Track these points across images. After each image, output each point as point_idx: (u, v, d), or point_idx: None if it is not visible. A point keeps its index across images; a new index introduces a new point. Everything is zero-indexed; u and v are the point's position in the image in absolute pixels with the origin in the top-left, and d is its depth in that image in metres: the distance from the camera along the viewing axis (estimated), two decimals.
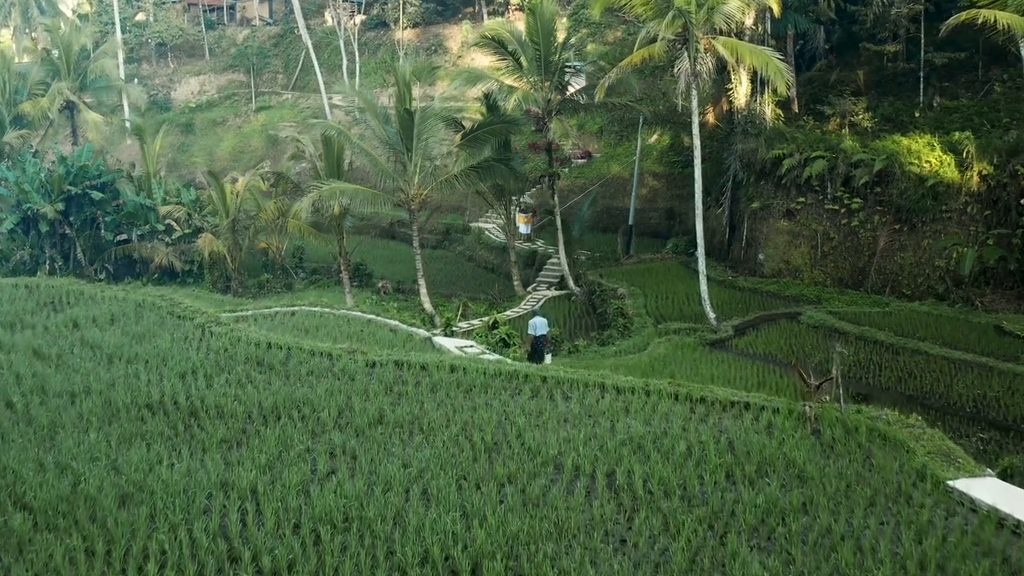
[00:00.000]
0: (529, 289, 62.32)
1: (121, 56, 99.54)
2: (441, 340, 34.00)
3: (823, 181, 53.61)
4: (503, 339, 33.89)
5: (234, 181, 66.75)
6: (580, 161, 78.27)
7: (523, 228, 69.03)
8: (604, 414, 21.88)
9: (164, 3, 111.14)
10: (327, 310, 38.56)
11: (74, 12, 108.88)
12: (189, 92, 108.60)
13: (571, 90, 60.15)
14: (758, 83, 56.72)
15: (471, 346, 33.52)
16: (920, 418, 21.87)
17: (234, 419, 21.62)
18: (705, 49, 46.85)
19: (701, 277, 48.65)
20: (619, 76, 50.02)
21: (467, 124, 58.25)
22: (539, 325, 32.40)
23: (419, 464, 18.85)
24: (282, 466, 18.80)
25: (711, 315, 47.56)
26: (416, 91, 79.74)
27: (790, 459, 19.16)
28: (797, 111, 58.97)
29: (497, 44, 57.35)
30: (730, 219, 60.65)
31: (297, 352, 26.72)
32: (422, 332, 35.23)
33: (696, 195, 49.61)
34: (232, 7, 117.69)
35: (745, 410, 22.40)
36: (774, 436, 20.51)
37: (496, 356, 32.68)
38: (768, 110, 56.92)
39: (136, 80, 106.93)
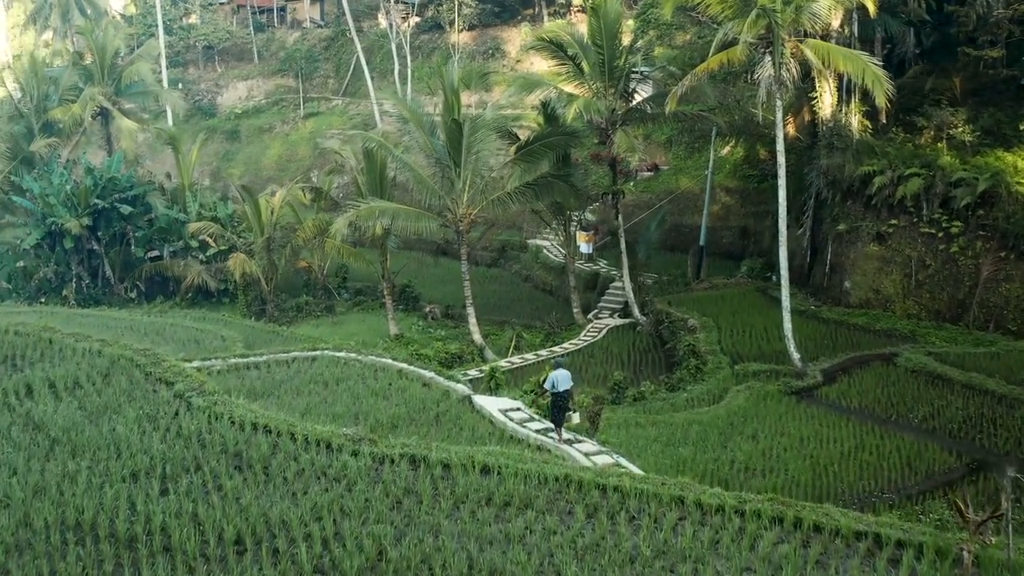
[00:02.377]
0: (590, 316, 57.16)
1: (163, 60, 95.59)
2: (482, 401, 28.91)
3: (918, 202, 48.10)
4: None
5: (273, 194, 62.14)
6: (647, 174, 72.92)
7: (584, 247, 63.90)
8: (685, 555, 16.47)
9: (212, 5, 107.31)
10: (354, 355, 33.54)
11: (120, 14, 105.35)
12: (236, 97, 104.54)
13: (638, 98, 54.80)
14: (843, 91, 51.09)
15: (517, 409, 28.44)
16: None
17: (182, 554, 16.46)
18: (791, 53, 41.43)
19: (784, 312, 43.21)
20: (693, 83, 44.66)
21: (524, 135, 53.25)
22: (561, 379, 27.21)
23: None
24: None
25: (795, 356, 42.17)
26: (472, 98, 75.29)
27: None
28: (886, 122, 53.00)
29: (556, 47, 52.01)
30: (812, 241, 55.02)
31: (287, 442, 21.38)
32: (460, 389, 30.14)
33: (779, 218, 44.33)
34: (283, 9, 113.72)
35: (876, 547, 16.88)
36: None
37: (543, 424, 27.59)
38: (856, 121, 51.22)
39: (180, 85, 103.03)
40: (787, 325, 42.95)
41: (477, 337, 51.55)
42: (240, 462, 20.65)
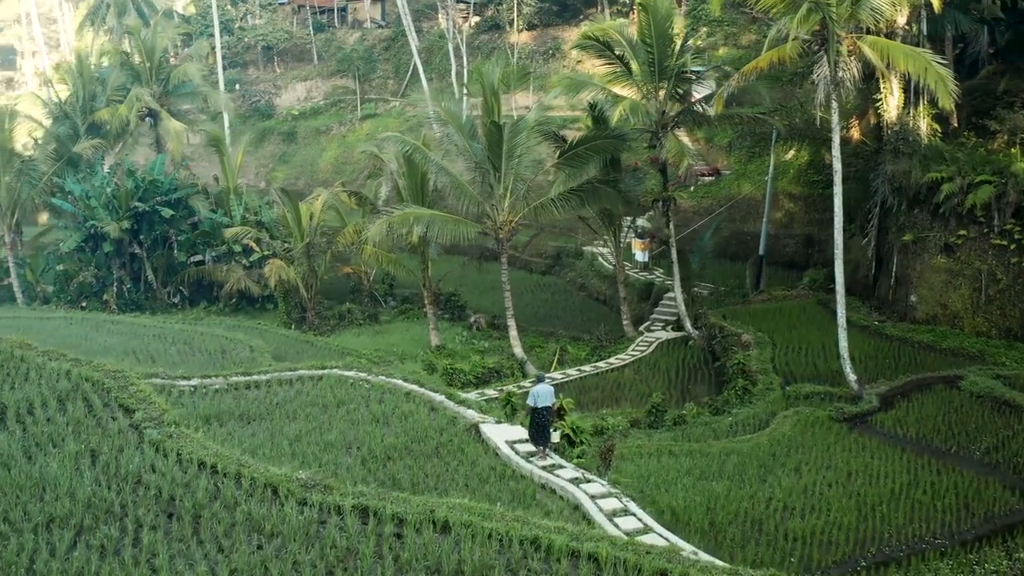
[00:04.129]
0: (641, 329, 54.45)
1: (219, 60, 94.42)
2: (489, 431, 26.42)
3: (989, 211, 44.76)
4: (567, 435, 26.18)
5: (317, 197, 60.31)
6: (707, 179, 70.04)
7: (639, 255, 61.40)
8: None
9: (271, 5, 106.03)
10: (364, 376, 31.29)
11: (179, 14, 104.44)
12: (295, 98, 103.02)
13: (694, 97, 51.99)
14: (911, 93, 47.88)
15: (526, 440, 25.92)
16: None
17: None
18: (848, 51, 38.43)
19: (840, 331, 40.24)
20: (743, 84, 41.88)
21: (574, 138, 50.68)
22: (542, 395, 24.90)
23: None
24: None
25: (851, 378, 39.20)
26: (530, 100, 72.92)
27: None
28: (957, 126, 49.71)
29: (603, 47, 49.29)
30: (877, 252, 51.78)
31: (230, 486, 19.06)
32: (470, 415, 27.64)
33: (835, 228, 41.39)
34: (343, 9, 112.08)
35: None
36: None
37: (553, 460, 25.03)
38: (924, 125, 47.95)
39: (237, 85, 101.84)
40: (843, 344, 40.00)
41: (518, 350, 49.21)
42: (172, 509, 18.45)
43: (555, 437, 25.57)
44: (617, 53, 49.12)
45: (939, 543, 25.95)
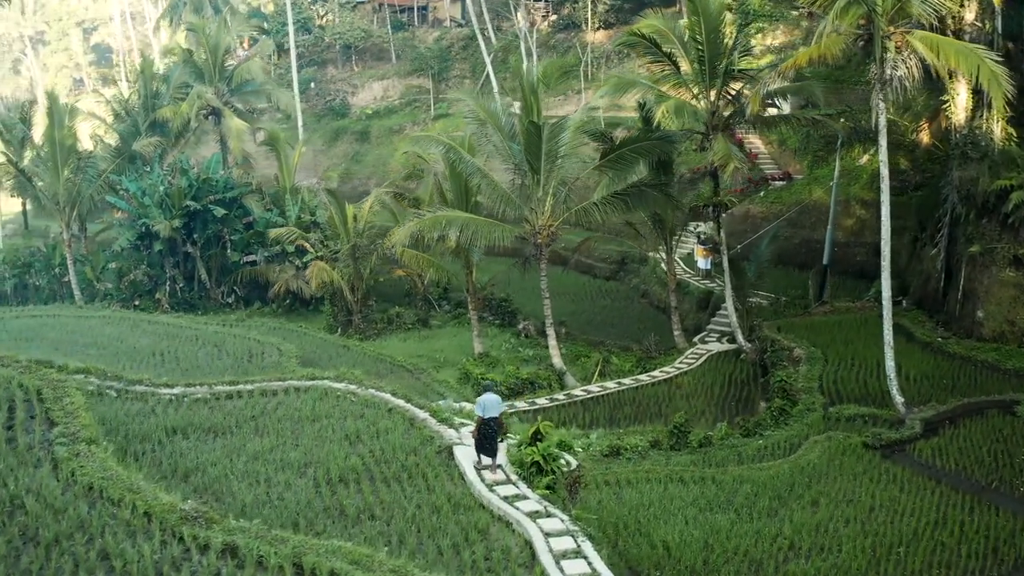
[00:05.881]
0: (695, 340, 51.77)
1: (294, 58, 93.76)
2: (463, 453, 24.19)
3: None
4: (537, 462, 23.67)
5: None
6: (779, 184, 67.06)
7: (702, 263, 58.88)
8: None
9: (350, 3, 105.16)
10: (353, 388, 29.49)
11: (253, 12, 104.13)
12: (371, 97, 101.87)
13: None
14: (985, 94, 44.57)
15: (499, 466, 23.72)
16: None
17: None
18: (897, 47, 35.48)
19: (887, 348, 37.47)
20: (786, 83, 39.27)
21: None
22: (489, 404, 22.92)
23: None
24: None
25: (898, 400, 36.38)
26: (601, 100, 70.75)
27: None
28: None
29: (649, 44, 46.74)
30: (946, 263, 48.47)
31: (103, 513, 17.35)
32: (449, 435, 25.55)
33: (883, 238, 38.77)
34: (424, 8, 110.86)
35: None
36: None
37: (518, 490, 22.79)
38: (998, 129, 44.57)
39: (312, 84, 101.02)
40: (889, 364, 37.18)
41: (557, 361, 47.04)
42: (38, 537, 16.90)
43: (502, 452, 23.59)
44: (665, 51, 46.53)
45: None
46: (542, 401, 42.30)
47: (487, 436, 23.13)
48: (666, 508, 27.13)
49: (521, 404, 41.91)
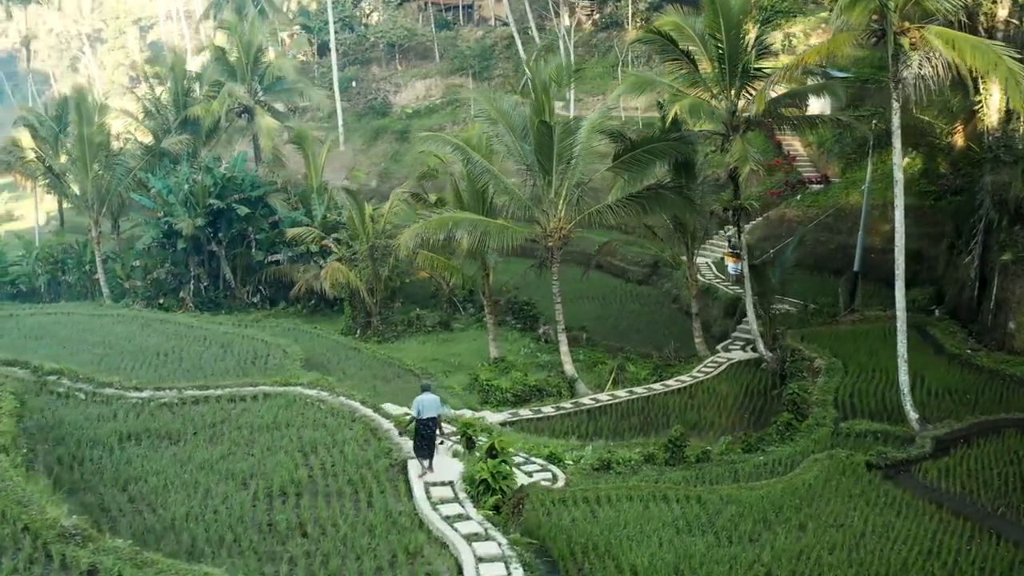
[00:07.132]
0: (718, 348, 50.13)
1: (334, 57, 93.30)
2: (413, 475, 23.01)
3: None
4: (485, 480, 22.25)
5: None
6: (816, 187, 65.12)
7: (732, 268, 57.19)
8: None
9: (394, 1, 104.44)
10: (324, 395, 28.46)
11: (294, 11, 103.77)
12: (413, 96, 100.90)
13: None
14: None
15: (449, 483, 22.41)
16: None
17: None
18: (912, 44, 33.59)
19: (900, 361, 35.61)
20: (793, 81, 37.61)
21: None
22: (426, 405, 21.79)
23: None
24: None
25: (912, 416, 34.52)
26: (639, 101, 69.53)
27: None
28: None
29: (666, 41, 45.00)
30: (980, 271, 46.35)
31: None
32: (408, 447, 24.31)
33: (897, 245, 36.68)
34: (469, 7, 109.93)
35: None
36: None
37: (463, 509, 21.49)
38: None
39: (354, 83, 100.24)
40: (903, 378, 35.33)
41: (569, 368, 45.64)
42: None
43: (439, 453, 22.44)
44: (683, 48, 44.82)
45: None
46: (547, 410, 40.99)
47: (424, 437, 22.11)
48: (642, 529, 25.50)
49: (525, 412, 40.68)
